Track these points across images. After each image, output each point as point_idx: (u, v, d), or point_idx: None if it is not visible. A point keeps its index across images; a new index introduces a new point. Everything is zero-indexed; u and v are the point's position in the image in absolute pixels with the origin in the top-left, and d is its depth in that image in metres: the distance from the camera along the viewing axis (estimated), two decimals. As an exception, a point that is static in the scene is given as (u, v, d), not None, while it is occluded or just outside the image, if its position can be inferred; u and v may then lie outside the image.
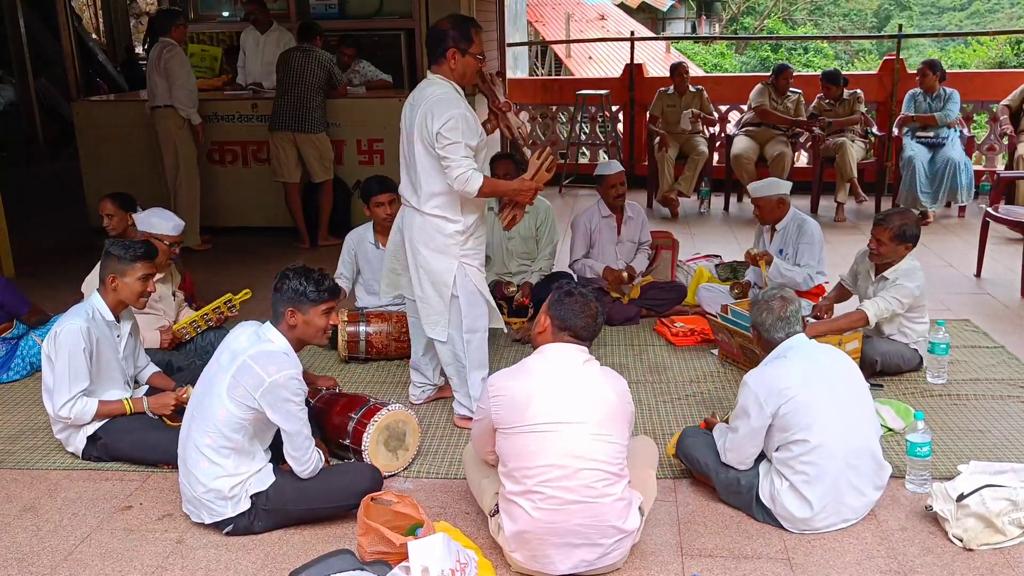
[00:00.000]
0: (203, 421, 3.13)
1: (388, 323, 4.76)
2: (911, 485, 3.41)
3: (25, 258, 6.62)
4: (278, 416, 3.07)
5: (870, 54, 23.74)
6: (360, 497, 3.00)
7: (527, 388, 2.86)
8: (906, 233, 4.25)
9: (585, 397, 2.85)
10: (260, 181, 7.46)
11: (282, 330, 3.19)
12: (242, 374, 3.06)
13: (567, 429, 2.80)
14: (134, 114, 7.69)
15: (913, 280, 4.28)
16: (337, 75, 7.10)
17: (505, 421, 2.86)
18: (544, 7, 20.93)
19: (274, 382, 3.04)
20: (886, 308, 4.26)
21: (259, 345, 3.13)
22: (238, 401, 3.06)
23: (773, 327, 3.28)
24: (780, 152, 7.85)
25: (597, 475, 2.80)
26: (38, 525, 3.32)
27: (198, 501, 3.17)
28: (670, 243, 5.79)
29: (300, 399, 3.11)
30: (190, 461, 3.16)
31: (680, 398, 4.32)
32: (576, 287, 3.05)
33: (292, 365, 3.12)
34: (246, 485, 3.15)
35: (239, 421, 3.08)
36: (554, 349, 2.93)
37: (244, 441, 3.13)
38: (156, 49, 6.93)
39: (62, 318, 3.72)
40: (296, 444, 3.12)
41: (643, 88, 9.42)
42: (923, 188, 7.55)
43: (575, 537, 2.82)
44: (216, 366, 3.17)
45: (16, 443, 3.98)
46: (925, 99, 7.81)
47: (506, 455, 2.88)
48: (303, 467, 3.15)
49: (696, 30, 26.23)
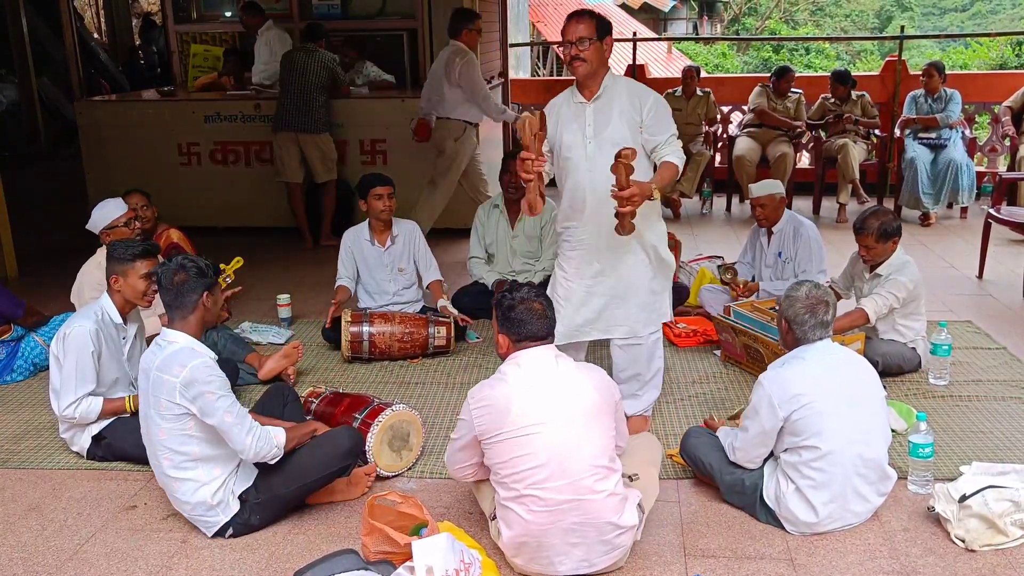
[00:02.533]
0: (154, 448, 3.14)
1: (391, 323, 4.77)
2: (913, 486, 3.41)
3: (28, 258, 6.64)
4: (203, 411, 3.01)
5: (872, 55, 23.74)
6: (344, 459, 3.02)
7: (506, 394, 2.85)
8: (887, 230, 4.30)
9: (564, 395, 2.85)
10: (263, 181, 7.47)
11: (191, 322, 3.14)
12: (157, 388, 3.04)
13: (550, 429, 2.80)
14: (136, 114, 7.73)
15: (905, 274, 4.31)
16: (340, 75, 7.11)
17: (489, 430, 2.85)
18: (546, 7, 20.91)
19: (183, 379, 3.00)
20: (884, 304, 4.28)
21: (162, 354, 3.09)
22: (166, 415, 3.05)
23: (812, 330, 3.22)
24: (782, 153, 7.86)
25: (588, 471, 2.80)
26: (43, 525, 3.33)
27: (192, 518, 3.21)
28: (673, 244, 5.77)
29: (216, 386, 3.02)
30: (168, 488, 3.20)
31: (682, 399, 4.32)
32: (513, 295, 2.96)
33: (198, 355, 3.06)
34: (229, 487, 3.15)
35: (180, 434, 3.07)
36: (525, 355, 2.92)
37: (200, 449, 3.10)
38: (446, 54, 6.47)
39: (71, 319, 3.73)
40: (229, 435, 3.03)
41: (645, 89, 9.42)
42: (925, 189, 7.56)
43: (573, 536, 2.83)
44: (142, 394, 3.17)
45: (21, 443, 3.99)
46: (927, 100, 7.82)
47: (495, 464, 2.88)
48: (251, 457, 3.07)
49: (697, 31, 26.21)
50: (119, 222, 4.48)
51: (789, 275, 4.96)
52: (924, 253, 6.79)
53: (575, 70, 3.62)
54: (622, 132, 3.62)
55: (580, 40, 3.55)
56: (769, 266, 5.13)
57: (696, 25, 26.84)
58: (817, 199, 8.12)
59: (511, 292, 2.99)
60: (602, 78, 3.66)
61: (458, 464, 3.05)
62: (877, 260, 4.37)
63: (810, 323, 3.22)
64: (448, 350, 4.89)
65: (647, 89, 3.73)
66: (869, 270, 4.45)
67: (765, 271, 5.15)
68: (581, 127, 3.67)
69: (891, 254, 4.36)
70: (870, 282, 4.44)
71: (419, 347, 4.82)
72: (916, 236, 7.32)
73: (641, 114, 3.63)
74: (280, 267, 6.59)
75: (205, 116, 7.52)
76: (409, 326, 4.80)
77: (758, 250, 5.23)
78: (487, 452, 2.90)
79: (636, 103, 3.64)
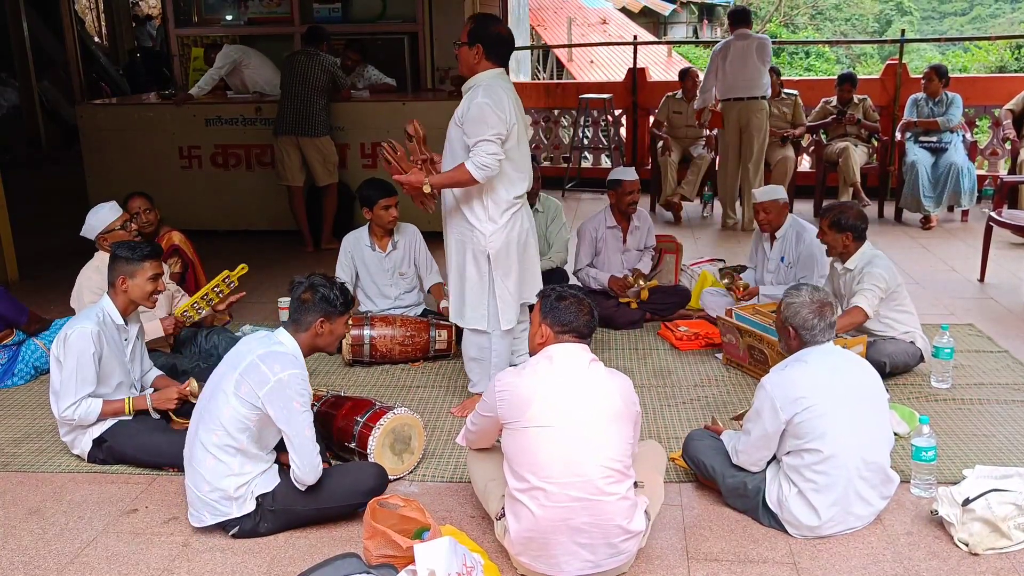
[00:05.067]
0: (209, 419, 3.14)
1: (392, 327, 4.77)
2: (916, 489, 3.41)
3: (29, 261, 6.64)
4: (280, 416, 3.07)
5: (872, 58, 23.78)
6: (366, 496, 3.03)
7: (531, 387, 2.88)
8: (841, 221, 4.39)
9: (588, 397, 2.87)
10: (264, 184, 7.47)
11: (302, 337, 3.22)
12: (249, 373, 3.08)
13: (568, 426, 2.81)
14: (137, 116, 7.74)
15: (877, 265, 4.36)
16: (341, 78, 7.11)
17: (508, 416, 2.89)
18: (546, 11, 20.97)
19: (279, 380, 3.05)
20: (873, 297, 4.31)
21: (268, 347, 3.15)
22: (243, 399, 3.08)
23: (822, 333, 3.23)
24: (783, 156, 7.87)
25: (601, 472, 2.80)
26: (44, 528, 3.33)
27: (202, 502, 3.18)
28: (673, 247, 5.79)
29: (304, 400, 3.12)
30: (196, 460, 3.17)
31: (685, 402, 4.32)
32: (564, 289, 3.07)
33: (299, 367, 3.14)
34: (251, 486, 3.16)
35: (243, 420, 3.10)
36: (560, 350, 2.95)
37: (248, 443, 3.14)
38: (753, 40, 7.41)
39: (72, 321, 3.73)
40: (298, 447, 3.10)
41: (646, 92, 9.45)
42: (926, 192, 7.56)
43: (580, 536, 2.82)
44: (225, 366, 3.20)
45: (21, 446, 3.98)
46: (927, 104, 7.82)
47: (510, 451, 2.90)
48: (304, 473, 3.12)
49: (698, 34, 26.25)
50: (115, 226, 4.47)
51: (791, 280, 4.96)
52: (925, 256, 6.79)
53: None
54: (456, 131, 3.95)
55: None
56: (771, 271, 5.13)
57: (696, 29, 26.87)
58: (818, 202, 8.12)
59: (561, 287, 3.09)
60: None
61: (481, 443, 3.23)
62: (835, 251, 4.47)
63: (820, 326, 3.23)
64: (449, 353, 4.88)
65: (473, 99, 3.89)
66: (842, 262, 4.50)
67: (767, 275, 5.15)
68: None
69: (852, 251, 4.43)
70: (843, 276, 4.49)
71: (420, 350, 4.82)
72: (917, 239, 7.32)
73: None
74: (281, 270, 6.59)
75: (206, 119, 7.52)
76: (410, 329, 4.79)
77: (760, 254, 5.23)
78: (504, 438, 2.93)
79: (464, 104, 3.91)
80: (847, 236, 4.39)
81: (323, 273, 3.37)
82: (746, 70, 7.41)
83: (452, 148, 3.97)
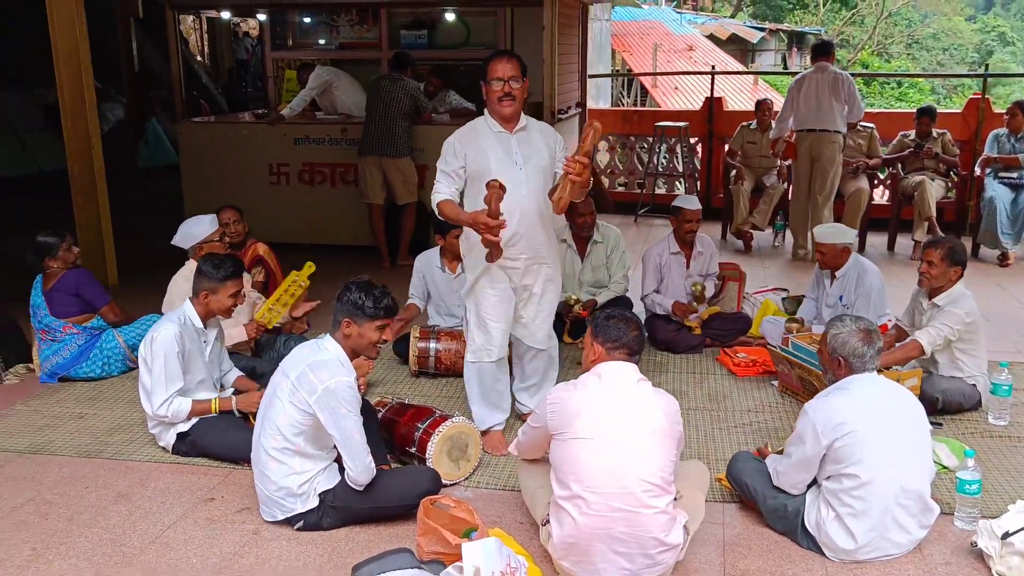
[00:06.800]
0: (268, 425, 3.40)
1: (458, 341, 4.97)
2: (960, 522, 3.44)
3: (128, 268, 7.07)
4: (329, 421, 3.27)
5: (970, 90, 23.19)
6: (420, 498, 3.22)
7: (580, 400, 3.06)
8: (955, 254, 4.33)
9: (633, 412, 3.02)
10: (346, 201, 7.83)
11: (337, 339, 3.42)
12: (301, 381, 3.31)
13: (612, 440, 2.97)
14: (233, 135, 8.20)
15: (962, 306, 4.32)
16: (423, 102, 7.41)
17: (557, 427, 3.07)
18: (632, 38, 21.07)
19: (326, 388, 3.26)
20: (938, 335, 4.29)
21: (316, 355, 3.37)
22: (296, 406, 3.31)
23: (871, 360, 3.33)
24: (857, 188, 7.86)
25: (641, 485, 2.95)
26: (130, 511, 3.63)
27: (270, 500, 3.44)
28: (737, 275, 5.89)
29: (352, 405, 3.31)
30: (261, 463, 3.43)
31: (736, 426, 4.42)
32: (612, 310, 3.27)
33: (345, 373, 3.34)
34: (314, 483, 3.40)
35: (298, 425, 3.33)
36: (609, 368, 3.12)
37: (304, 444, 3.37)
38: (829, 74, 7.47)
39: (157, 323, 4.07)
40: (348, 449, 3.30)
41: (722, 121, 9.51)
42: (1004, 229, 7.46)
43: (619, 545, 2.97)
44: (280, 375, 3.43)
45: (114, 436, 4.33)
46: (1009, 140, 7.72)
47: (556, 460, 3.08)
48: (358, 473, 3.33)
49: (787, 62, 25.95)
50: (213, 238, 4.84)
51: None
52: (999, 293, 6.70)
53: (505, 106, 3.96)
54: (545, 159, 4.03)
55: (512, 79, 3.93)
56: (830, 306, 5.15)
57: (785, 56, 26.57)
58: (892, 235, 8.07)
59: (609, 310, 3.30)
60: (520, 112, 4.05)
61: (530, 455, 3.40)
62: (935, 282, 4.38)
63: (869, 353, 3.33)
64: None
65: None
66: (928, 297, 4.47)
67: (826, 311, 5.16)
68: (509, 154, 3.99)
69: (952, 284, 4.37)
70: (928, 312, 4.46)
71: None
72: (992, 276, 7.22)
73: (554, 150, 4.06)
74: (358, 284, 6.85)
75: (295, 139, 7.94)
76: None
77: (821, 289, 5.27)
78: (552, 447, 3.11)
79: (549, 140, 4.08)
80: (957, 271, 4.36)
81: (368, 279, 3.55)
82: (819, 103, 7.45)
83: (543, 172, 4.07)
